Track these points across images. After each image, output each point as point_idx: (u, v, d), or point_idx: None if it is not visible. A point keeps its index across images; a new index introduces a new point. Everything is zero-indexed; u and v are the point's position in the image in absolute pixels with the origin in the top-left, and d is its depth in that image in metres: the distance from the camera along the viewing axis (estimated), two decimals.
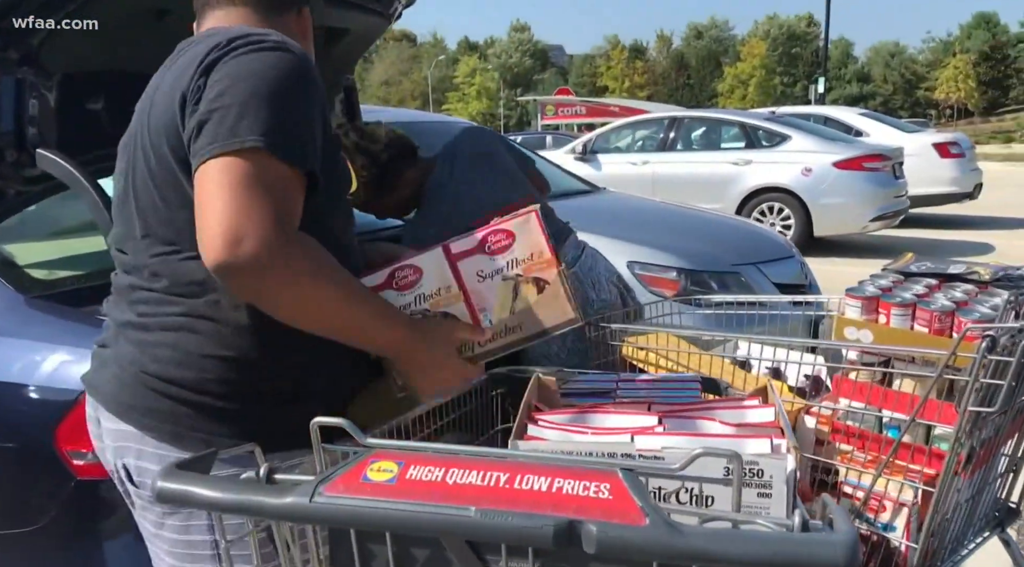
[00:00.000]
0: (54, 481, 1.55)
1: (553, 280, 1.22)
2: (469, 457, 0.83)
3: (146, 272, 1.18)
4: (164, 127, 1.13)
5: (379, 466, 0.81)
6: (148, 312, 1.18)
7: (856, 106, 51.06)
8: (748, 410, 1.04)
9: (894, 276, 1.81)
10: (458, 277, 1.22)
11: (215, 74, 1.08)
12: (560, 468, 0.81)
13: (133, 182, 1.19)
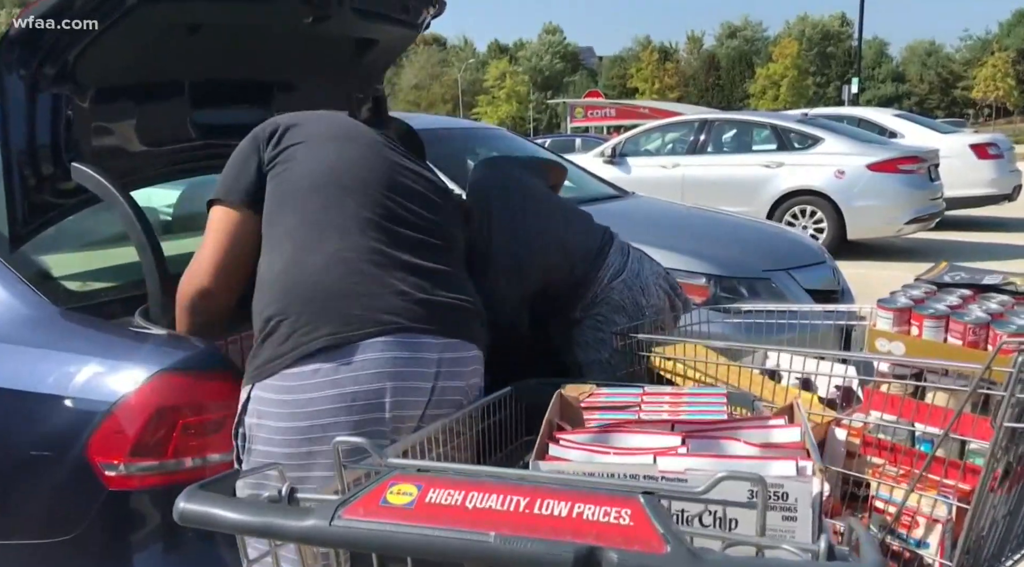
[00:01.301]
0: (86, 492, 1.57)
1: None
2: (489, 480, 0.83)
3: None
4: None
5: (398, 489, 0.81)
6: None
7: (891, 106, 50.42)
8: (774, 430, 1.02)
9: (927, 287, 1.78)
10: None
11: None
12: (580, 492, 0.80)
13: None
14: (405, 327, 1.48)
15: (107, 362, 1.62)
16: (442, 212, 1.74)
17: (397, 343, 1.46)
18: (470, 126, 6.43)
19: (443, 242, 1.69)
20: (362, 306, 1.47)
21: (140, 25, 1.81)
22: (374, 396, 1.43)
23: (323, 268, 1.50)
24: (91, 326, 1.74)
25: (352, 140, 1.71)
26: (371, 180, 1.64)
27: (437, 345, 1.52)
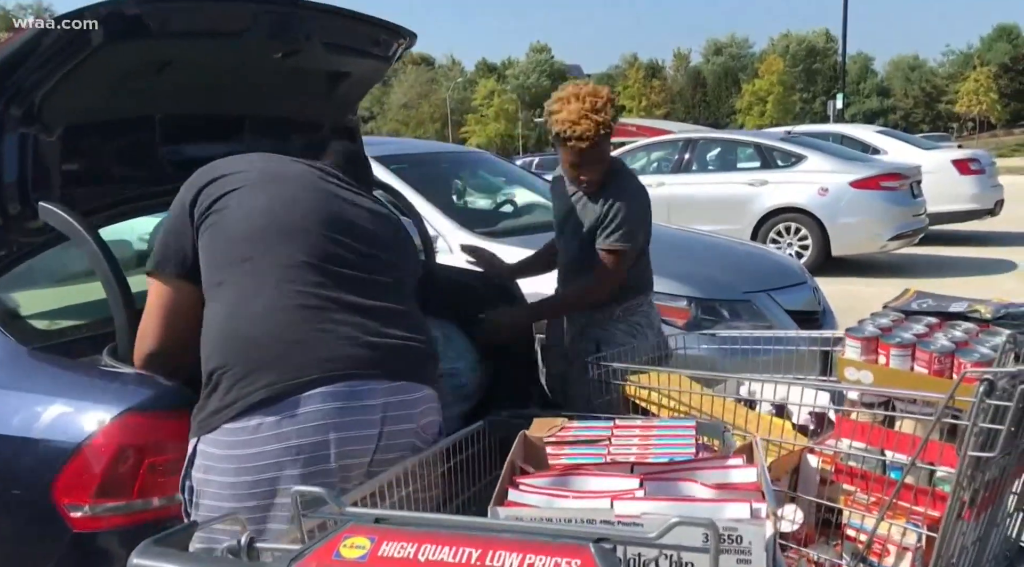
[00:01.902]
0: (51, 534, 1.56)
1: None
2: (442, 532, 0.82)
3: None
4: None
5: (352, 542, 0.80)
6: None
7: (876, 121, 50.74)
8: (732, 470, 1.03)
9: (895, 315, 1.79)
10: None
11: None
12: (533, 542, 0.80)
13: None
14: (347, 374, 1.46)
15: (73, 402, 1.61)
16: (388, 244, 1.70)
17: (338, 392, 1.44)
18: (453, 150, 6.46)
19: (390, 277, 1.65)
20: (301, 354, 1.45)
21: (107, 64, 1.81)
22: (318, 448, 1.41)
23: (261, 318, 1.48)
24: (58, 365, 1.73)
25: (284, 181, 1.66)
26: (307, 222, 1.60)
27: (381, 389, 1.49)
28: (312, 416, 1.40)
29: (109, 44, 1.76)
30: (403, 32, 2.46)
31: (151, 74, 1.97)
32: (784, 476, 1.81)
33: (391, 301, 1.61)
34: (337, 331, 1.49)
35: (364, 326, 1.52)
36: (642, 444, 1.35)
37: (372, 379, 1.47)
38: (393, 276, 1.66)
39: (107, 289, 1.78)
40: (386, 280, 1.64)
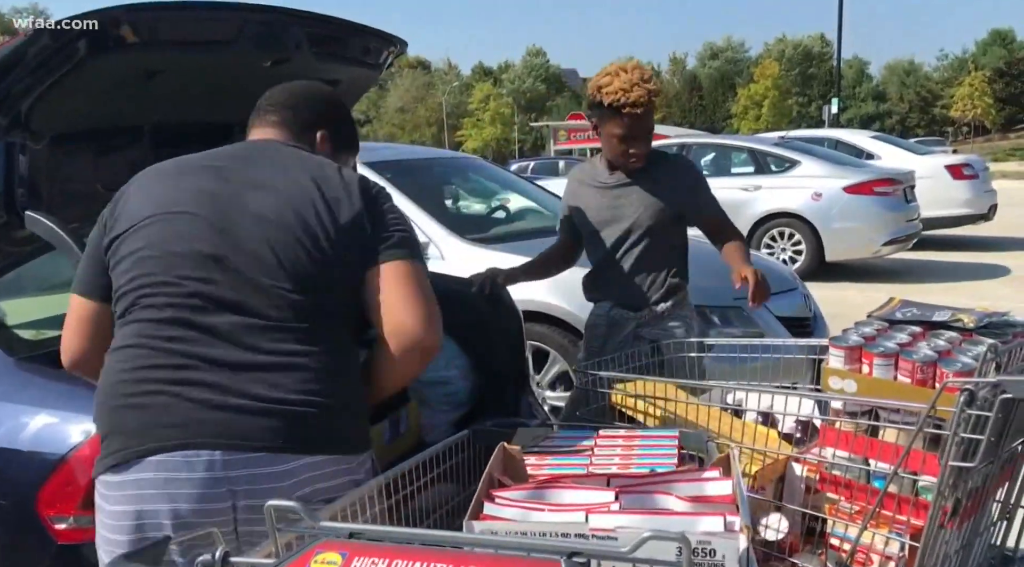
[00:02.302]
0: (35, 546, 1.56)
1: None
2: (414, 547, 0.83)
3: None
4: (334, 213, 1.47)
5: (323, 558, 0.81)
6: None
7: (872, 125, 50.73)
8: (707, 483, 1.03)
9: (878, 324, 1.80)
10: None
11: (384, 207, 1.54)
12: (504, 558, 0.81)
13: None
14: (184, 444, 1.33)
15: (59, 413, 1.62)
16: (297, 271, 1.42)
17: (171, 462, 1.33)
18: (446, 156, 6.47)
19: (287, 315, 1.40)
20: (143, 420, 1.35)
21: (95, 73, 1.82)
22: (149, 517, 1.35)
23: (113, 382, 1.40)
24: (44, 376, 1.74)
25: (172, 210, 1.45)
26: (180, 264, 1.40)
27: (226, 461, 1.34)
28: (146, 483, 1.33)
29: (97, 54, 1.76)
30: (393, 40, 2.47)
31: (140, 83, 1.97)
32: (769, 485, 1.82)
33: (277, 351, 1.38)
34: (188, 394, 1.34)
35: (224, 387, 1.35)
36: (624, 455, 1.36)
37: (217, 449, 1.33)
38: (293, 313, 1.41)
39: None
40: (276, 323, 1.39)
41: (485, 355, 2.73)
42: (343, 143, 1.74)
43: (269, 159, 1.54)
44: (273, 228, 1.42)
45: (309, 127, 1.66)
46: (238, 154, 1.57)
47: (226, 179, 1.48)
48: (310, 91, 1.74)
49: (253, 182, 1.48)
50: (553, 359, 3.99)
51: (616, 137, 2.55)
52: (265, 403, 1.35)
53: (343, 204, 1.48)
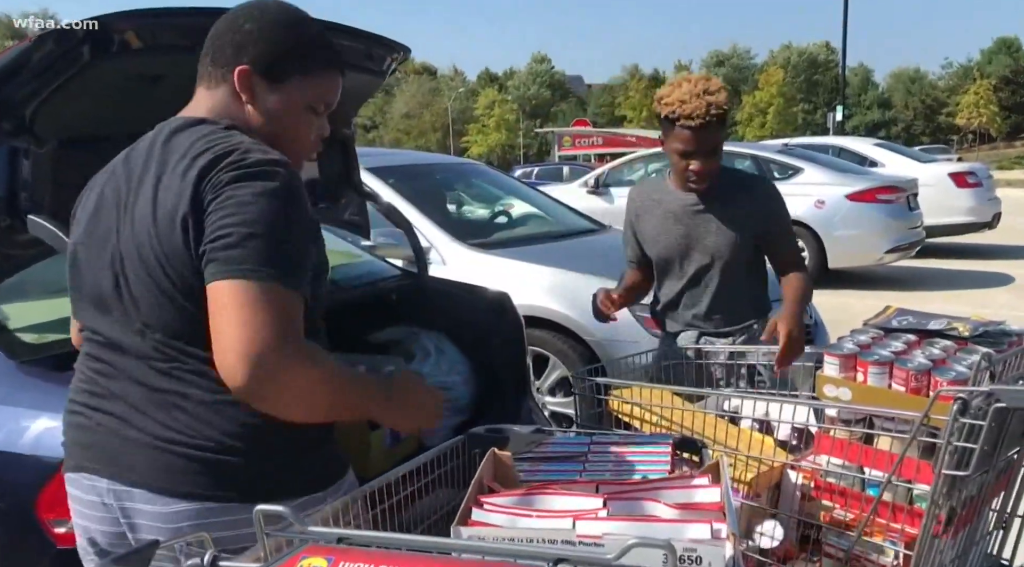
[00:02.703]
0: (34, 549, 1.57)
1: None
2: (401, 553, 0.84)
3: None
4: (164, 232, 1.23)
5: (308, 562, 0.82)
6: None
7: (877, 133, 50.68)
8: (696, 490, 1.04)
9: (874, 332, 1.81)
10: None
11: (219, 200, 1.19)
12: (491, 564, 0.81)
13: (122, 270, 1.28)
14: (81, 466, 1.33)
15: (59, 416, 1.62)
16: (130, 294, 1.28)
17: (76, 482, 1.35)
18: (448, 161, 6.49)
19: (165, 355, 1.28)
20: (66, 438, 1.39)
21: (98, 78, 1.83)
22: (81, 531, 1.39)
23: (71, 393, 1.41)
24: (45, 379, 1.75)
25: (80, 236, 1.39)
26: (91, 273, 1.35)
27: (109, 491, 1.30)
28: (71, 498, 1.39)
29: (101, 58, 1.78)
30: (396, 46, 2.49)
31: (144, 88, 1.99)
32: (765, 492, 1.82)
33: (162, 389, 1.28)
34: (95, 418, 1.33)
35: (124, 418, 1.30)
36: (617, 461, 1.37)
37: (104, 477, 1.30)
38: (164, 350, 1.28)
39: None
40: (154, 359, 1.28)
41: (487, 361, 2.74)
42: (287, 70, 1.35)
43: (141, 160, 1.33)
44: (121, 259, 1.29)
45: (223, 68, 1.34)
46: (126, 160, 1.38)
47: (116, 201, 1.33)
48: (233, 13, 1.38)
49: (122, 202, 1.31)
50: (553, 365, 3.99)
51: (676, 152, 2.44)
52: (154, 439, 1.26)
53: (176, 210, 1.22)
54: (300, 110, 1.37)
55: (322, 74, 1.38)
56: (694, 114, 2.33)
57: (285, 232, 1.20)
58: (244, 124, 1.34)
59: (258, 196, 1.19)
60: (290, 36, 1.35)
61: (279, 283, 1.17)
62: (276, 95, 1.35)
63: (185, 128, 1.31)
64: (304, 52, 1.36)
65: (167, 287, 1.24)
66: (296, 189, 1.25)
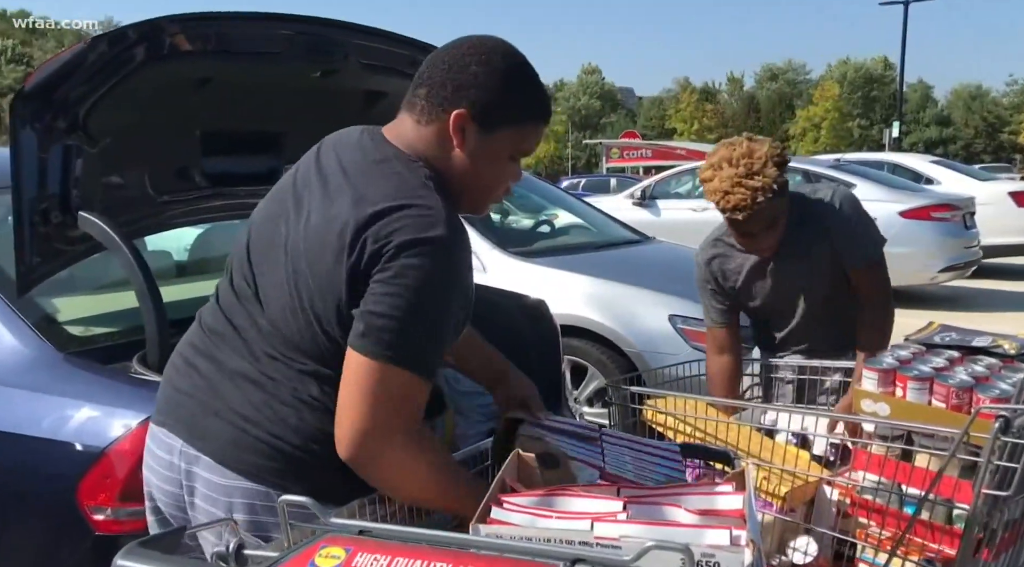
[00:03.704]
0: (74, 535, 1.62)
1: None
2: (418, 546, 0.84)
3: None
4: (327, 269, 1.23)
5: (327, 552, 0.83)
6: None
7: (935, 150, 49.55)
8: (718, 496, 1.03)
9: (915, 347, 1.76)
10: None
11: (387, 271, 1.19)
12: (505, 560, 0.82)
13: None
14: (163, 421, 1.38)
15: (102, 407, 1.67)
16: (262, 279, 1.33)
17: (153, 436, 1.40)
18: None
19: (236, 330, 1.35)
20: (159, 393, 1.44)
21: (149, 80, 1.89)
22: (145, 483, 1.43)
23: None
24: (90, 371, 1.80)
25: (273, 208, 1.40)
26: (249, 251, 1.38)
27: (182, 452, 1.34)
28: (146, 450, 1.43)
29: (152, 61, 1.83)
30: None
31: (192, 90, 2.04)
32: (799, 507, 1.79)
33: (263, 372, 1.31)
34: (184, 378, 1.39)
35: (210, 385, 1.35)
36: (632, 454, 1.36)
37: (180, 437, 1.34)
38: (241, 326, 1.35)
39: (140, 299, 1.85)
40: (263, 346, 1.32)
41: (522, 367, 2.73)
42: (503, 119, 1.32)
43: (334, 166, 1.34)
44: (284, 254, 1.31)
45: (439, 106, 1.31)
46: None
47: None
48: (459, 50, 1.34)
49: (304, 199, 1.33)
50: (591, 375, 3.98)
51: (735, 235, 2.27)
52: (234, 415, 1.30)
53: (342, 243, 1.22)
54: (504, 159, 1.35)
55: (533, 125, 1.36)
56: (739, 206, 2.12)
57: (439, 317, 1.22)
58: (445, 168, 1.32)
59: (425, 278, 1.19)
60: (514, 87, 1.32)
61: (415, 373, 1.20)
62: (486, 143, 1.32)
63: (386, 161, 1.31)
64: (523, 103, 1.34)
65: (303, 304, 1.26)
66: (462, 263, 1.26)
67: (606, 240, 5.03)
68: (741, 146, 2.17)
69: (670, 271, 4.36)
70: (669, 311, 3.82)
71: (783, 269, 2.36)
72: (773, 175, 2.12)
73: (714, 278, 2.47)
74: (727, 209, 2.15)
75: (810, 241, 2.30)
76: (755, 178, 2.11)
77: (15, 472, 1.70)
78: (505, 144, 1.33)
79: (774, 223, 2.22)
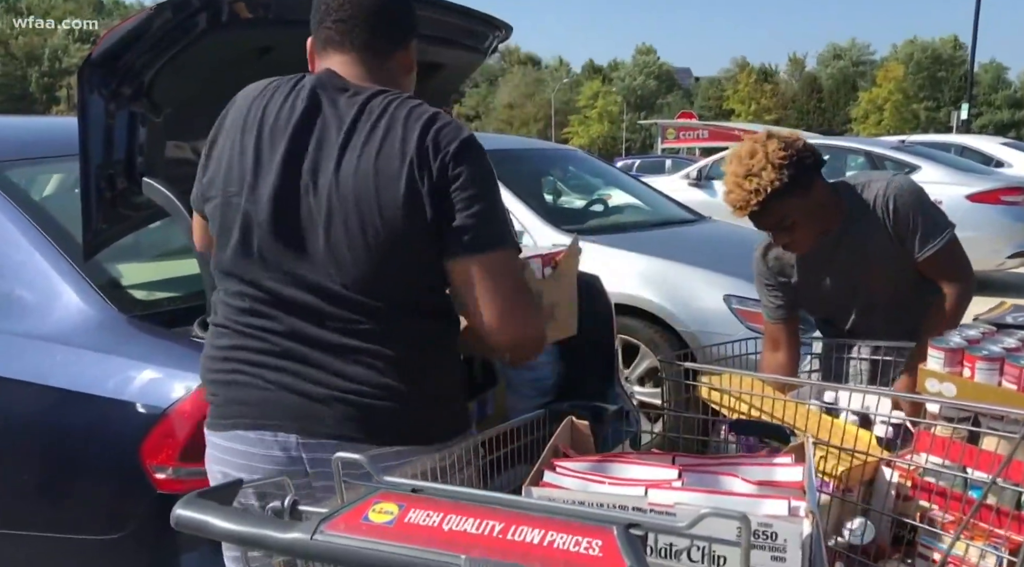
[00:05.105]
0: (137, 493, 1.66)
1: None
2: (470, 503, 0.84)
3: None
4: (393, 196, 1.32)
5: (381, 507, 0.83)
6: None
7: (1007, 133, 47.84)
8: (777, 468, 1.00)
9: (984, 327, 1.70)
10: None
11: (460, 179, 1.33)
12: (557, 521, 0.81)
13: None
14: (257, 424, 1.38)
15: (164, 369, 1.71)
16: (351, 238, 1.34)
17: (249, 438, 1.38)
18: (545, 147, 6.47)
19: (347, 300, 1.35)
20: (228, 395, 1.41)
21: (212, 48, 1.91)
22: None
23: (208, 350, 1.45)
24: (152, 334, 1.84)
25: (235, 189, 1.40)
26: (254, 251, 1.37)
27: (299, 444, 1.37)
28: (233, 453, 1.40)
29: (214, 29, 1.85)
30: (498, 24, 2.49)
31: (252, 59, 2.06)
32: (857, 487, 1.75)
33: (345, 340, 1.35)
34: (264, 376, 1.37)
35: (297, 372, 1.36)
36: None
37: (292, 432, 1.36)
38: (351, 300, 1.35)
39: (201, 265, 1.88)
40: (335, 312, 1.35)
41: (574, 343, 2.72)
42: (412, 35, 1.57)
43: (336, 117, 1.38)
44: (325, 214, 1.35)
45: (395, 44, 1.50)
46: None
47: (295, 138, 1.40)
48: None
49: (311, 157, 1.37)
50: (643, 354, 3.94)
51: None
52: (336, 391, 1.34)
53: (400, 173, 1.32)
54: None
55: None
56: (737, 205, 2.15)
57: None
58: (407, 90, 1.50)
59: (488, 171, 1.37)
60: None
61: (516, 248, 1.41)
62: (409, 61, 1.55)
63: (377, 94, 1.40)
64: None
65: (373, 243, 1.32)
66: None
67: (661, 219, 4.97)
68: (748, 145, 2.15)
69: (726, 251, 4.29)
70: (724, 291, 3.75)
71: (839, 264, 2.30)
72: (770, 178, 2.08)
73: (770, 271, 2.43)
74: (730, 205, 2.17)
75: (865, 235, 2.24)
76: (751, 180, 2.09)
77: (84, 431, 1.75)
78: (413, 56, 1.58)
79: (789, 223, 2.17)
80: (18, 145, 2.42)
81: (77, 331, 1.82)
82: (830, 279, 2.33)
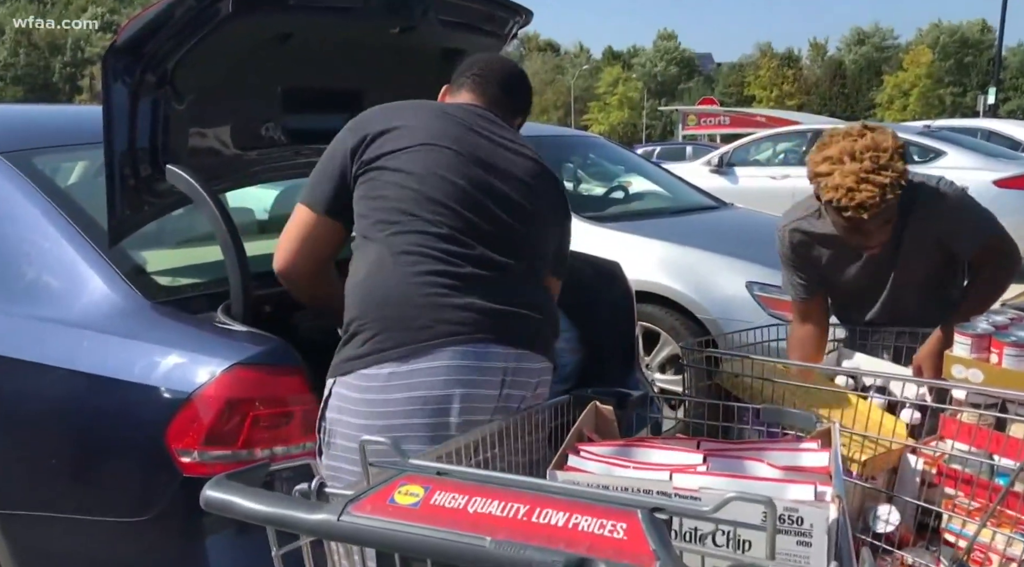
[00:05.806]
0: (163, 476, 1.68)
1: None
2: (495, 486, 0.84)
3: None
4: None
5: (407, 489, 0.84)
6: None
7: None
8: (803, 453, 1.00)
9: (1012, 313, 1.69)
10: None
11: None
12: (581, 504, 0.81)
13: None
14: (472, 338, 1.55)
15: (188, 354, 1.72)
16: (525, 214, 1.70)
17: (466, 352, 1.54)
18: (565, 134, 6.44)
19: (521, 249, 1.69)
20: (431, 317, 1.54)
21: (234, 35, 1.91)
22: (443, 401, 1.51)
23: (397, 282, 1.58)
24: (177, 319, 1.86)
25: (440, 148, 1.68)
26: (454, 194, 1.64)
27: (503, 354, 1.58)
28: (440, 371, 1.51)
29: (237, 15, 1.85)
30: (519, 9, 2.48)
31: (274, 46, 2.06)
32: (881, 474, 1.74)
33: (517, 273, 1.66)
34: (464, 298, 1.56)
35: (490, 294, 1.59)
36: None
37: (496, 343, 1.56)
38: (525, 247, 1.70)
39: (225, 252, 1.89)
40: (516, 251, 1.67)
41: (595, 330, 2.72)
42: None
43: (500, 127, 1.81)
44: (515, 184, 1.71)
45: (517, 114, 1.94)
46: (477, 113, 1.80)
47: (477, 133, 1.73)
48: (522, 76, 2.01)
49: (499, 142, 1.75)
50: (664, 341, 3.93)
51: (845, 233, 2.10)
52: (522, 309, 1.61)
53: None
54: None
55: None
56: (866, 203, 1.94)
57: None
58: None
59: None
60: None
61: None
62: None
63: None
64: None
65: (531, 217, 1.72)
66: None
67: (682, 206, 4.94)
68: (864, 137, 2.00)
69: (748, 237, 4.25)
70: (746, 278, 3.73)
71: (884, 262, 2.25)
72: (901, 169, 1.97)
73: (796, 254, 2.37)
74: (850, 207, 1.95)
75: (901, 226, 2.17)
76: (883, 173, 1.94)
77: (110, 415, 1.77)
78: None
79: (889, 218, 2.06)
80: (43, 133, 2.44)
81: (103, 317, 1.83)
82: (863, 267, 2.29)
